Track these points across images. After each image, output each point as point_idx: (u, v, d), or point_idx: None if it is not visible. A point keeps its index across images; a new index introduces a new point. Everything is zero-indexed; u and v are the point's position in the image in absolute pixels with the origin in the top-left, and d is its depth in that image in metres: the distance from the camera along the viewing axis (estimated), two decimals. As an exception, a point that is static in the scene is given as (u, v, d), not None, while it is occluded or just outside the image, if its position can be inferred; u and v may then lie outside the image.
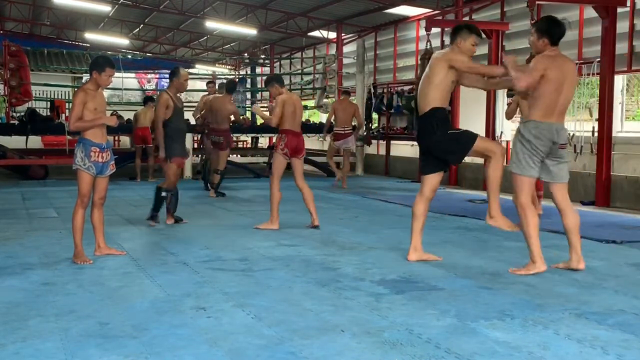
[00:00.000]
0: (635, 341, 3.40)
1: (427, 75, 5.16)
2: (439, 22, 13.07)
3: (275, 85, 7.05)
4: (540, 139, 4.87)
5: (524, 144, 4.92)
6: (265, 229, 6.95)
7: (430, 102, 5.13)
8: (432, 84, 5.11)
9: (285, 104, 6.91)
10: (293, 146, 6.96)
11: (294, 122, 7.00)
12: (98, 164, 5.25)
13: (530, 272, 4.90)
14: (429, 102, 5.13)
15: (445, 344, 3.31)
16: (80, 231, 5.25)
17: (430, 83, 5.12)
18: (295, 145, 6.98)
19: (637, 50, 10.08)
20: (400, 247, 6.02)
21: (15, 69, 14.18)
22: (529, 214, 4.95)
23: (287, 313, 3.84)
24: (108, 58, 5.60)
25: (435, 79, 5.09)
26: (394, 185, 12.85)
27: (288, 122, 6.95)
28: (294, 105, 6.99)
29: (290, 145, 6.95)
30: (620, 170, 10.05)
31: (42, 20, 22.14)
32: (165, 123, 7.09)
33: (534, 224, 4.96)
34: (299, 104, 7.12)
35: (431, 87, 5.11)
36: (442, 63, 5.09)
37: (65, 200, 9.12)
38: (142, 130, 12.51)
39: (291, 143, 6.95)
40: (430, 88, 5.12)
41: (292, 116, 6.97)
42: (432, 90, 5.10)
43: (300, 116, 7.18)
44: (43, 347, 3.23)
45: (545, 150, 4.91)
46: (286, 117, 6.94)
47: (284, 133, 6.97)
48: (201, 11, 19.23)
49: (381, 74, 17.67)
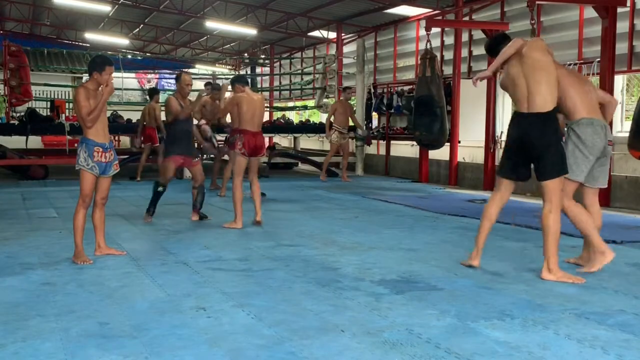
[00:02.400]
0: (635, 341, 3.40)
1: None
2: (439, 22, 13.08)
3: (237, 86, 7.13)
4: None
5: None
6: (229, 227, 6.98)
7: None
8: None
9: (240, 103, 6.97)
10: (252, 146, 7.02)
11: (252, 122, 7.05)
12: (101, 163, 5.25)
13: (603, 263, 4.88)
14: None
15: (445, 344, 3.31)
16: (81, 231, 5.25)
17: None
18: (254, 145, 7.03)
19: (637, 50, 10.08)
20: (400, 247, 6.02)
21: (15, 69, 14.19)
22: (577, 211, 4.91)
23: (287, 313, 3.84)
24: (106, 57, 5.60)
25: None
26: (394, 185, 12.85)
27: (246, 122, 7.01)
28: (254, 106, 7.05)
29: (249, 145, 7.00)
30: (620, 170, 10.04)
31: (42, 20, 22.14)
32: (170, 125, 7.39)
33: (587, 219, 4.91)
34: (260, 105, 7.17)
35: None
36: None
37: (65, 200, 9.12)
38: (150, 130, 12.51)
39: (249, 143, 7.00)
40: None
41: (251, 116, 7.02)
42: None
43: (260, 116, 7.22)
44: (43, 347, 3.23)
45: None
46: (244, 117, 7.00)
47: (241, 133, 7.02)
48: (201, 11, 19.23)
49: (381, 74, 17.67)
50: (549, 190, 4.72)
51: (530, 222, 7.44)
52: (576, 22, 11.14)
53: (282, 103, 23.64)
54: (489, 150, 12.35)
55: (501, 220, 6.39)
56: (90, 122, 5.16)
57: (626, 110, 11.11)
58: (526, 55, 4.72)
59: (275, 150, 15.72)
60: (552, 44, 11.78)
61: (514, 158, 4.91)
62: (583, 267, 5.01)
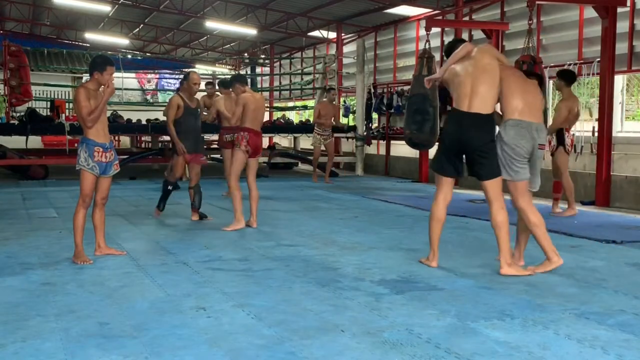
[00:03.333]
0: (635, 341, 3.40)
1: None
2: (439, 22, 13.06)
3: (237, 85, 7.12)
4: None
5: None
6: (232, 230, 6.85)
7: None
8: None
9: (247, 104, 6.97)
10: (254, 145, 7.02)
11: (255, 122, 7.06)
12: (102, 163, 5.25)
13: (547, 269, 4.92)
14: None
15: (445, 344, 3.31)
16: (81, 231, 5.25)
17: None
18: (255, 144, 7.04)
19: (637, 50, 10.07)
20: (400, 247, 6.03)
21: (15, 69, 14.17)
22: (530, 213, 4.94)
23: (287, 313, 3.84)
24: (106, 57, 5.60)
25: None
26: (394, 185, 12.85)
27: (250, 121, 7.01)
28: (257, 105, 7.06)
29: (253, 144, 7.01)
30: (620, 170, 10.04)
31: (42, 20, 22.12)
32: (177, 122, 7.38)
33: (540, 223, 4.94)
34: (261, 104, 7.18)
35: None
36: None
37: (65, 200, 9.12)
38: None
39: (253, 141, 7.01)
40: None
41: (254, 116, 7.03)
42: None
43: (261, 116, 7.24)
44: (43, 347, 3.23)
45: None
46: (248, 116, 6.99)
47: (246, 131, 7.00)
48: (201, 11, 19.22)
49: (381, 74, 17.66)
50: (491, 189, 4.92)
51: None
52: (576, 22, 11.12)
53: (282, 103, 23.62)
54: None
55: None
56: (90, 122, 5.16)
57: (626, 111, 11.11)
58: (475, 57, 4.93)
59: (275, 150, 15.72)
60: (552, 44, 11.80)
61: (452, 156, 5.00)
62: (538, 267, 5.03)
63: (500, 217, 4.88)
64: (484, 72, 4.88)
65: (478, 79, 4.86)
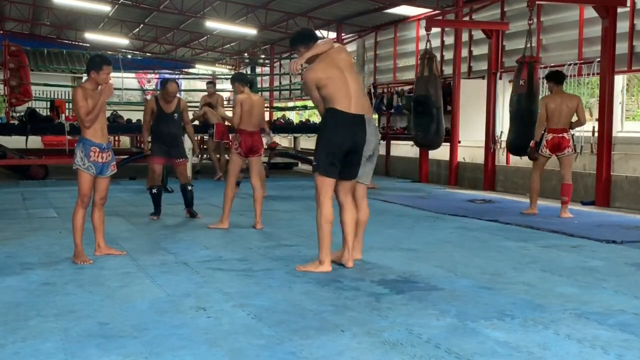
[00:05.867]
0: (635, 341, 3.40)
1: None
2: (439, 22, 13.06)
3: (238, 85, 7.19)
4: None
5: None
6: (215, 228, 6.98)
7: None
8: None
9: (242, 104, 7.00)
10: (248, 145, 7.05)
11: (249, 122, 7.07)
12: (98, 164, 5.25)
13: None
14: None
15: (445, 344, 3.31)
16: (80, 231, 5.25)
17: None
18: (250, 144, 7.06)
19: (637, 50, 10.07)
20: (400, 247, 6.03)
21: (15, 69, 14.17)
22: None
23: (287, 313, 3.84)
24: (103, 56, 5.59)
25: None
26: (394, 185, 12.85)
27: (244, 122, 7.04)
28: (252, 105, 7.07)
29: (245, 145, 7.03)
30: (620, 170, 10.05)
31: (42, 20, 22.11)
32: (152, 125, 7.69)
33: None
34: (258, 104, 7.18)
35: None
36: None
37: (65, 200, 9.12)
38: (219, 125, 12.63)
39: (246, 142, 7.03)
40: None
41: (249, 116, 7.05)
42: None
43: (257, 116, 7.21)
44: (43, 347, 3.23)
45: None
46: (243, 118, 7.03)
47: (238, 132, 7.08)
48: (201, 11, 19.22)
49: (381, 74, 17.66)
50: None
51: (530, 223, 7.45)
52: (576, 22, 11.12)
53: (282, 103, 23.63)
54: (489, 150, 12.35)
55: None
56: (88, 122, 5.16)
57: (626, 111, 11.11)
58: (340, 57, 4.96)
59: (275, 150, 15.72)
60: (552, 44, 11.80)
61: (342, 158, 4.92)
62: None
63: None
64: (352, 72, 4.98)
65: (352, 78, 4.94)
